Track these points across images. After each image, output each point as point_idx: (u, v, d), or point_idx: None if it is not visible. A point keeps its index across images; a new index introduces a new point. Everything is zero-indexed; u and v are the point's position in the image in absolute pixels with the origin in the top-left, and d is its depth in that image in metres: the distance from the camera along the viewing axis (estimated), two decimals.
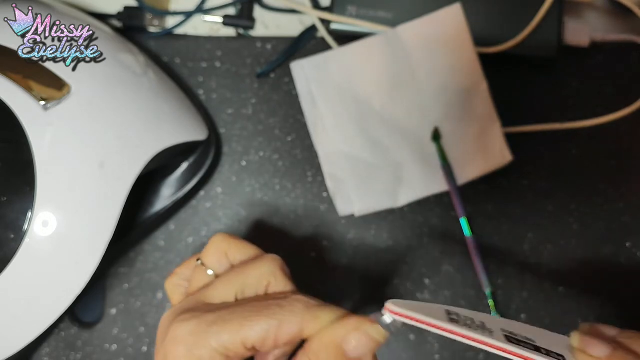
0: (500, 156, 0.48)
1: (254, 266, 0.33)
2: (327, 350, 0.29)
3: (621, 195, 0.49)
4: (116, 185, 0.40)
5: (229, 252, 0.35)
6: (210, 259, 0.35)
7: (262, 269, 0.33)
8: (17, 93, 0.37)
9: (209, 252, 0.35)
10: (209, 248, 0.35)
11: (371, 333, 0.29)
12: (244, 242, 0.35)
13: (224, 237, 0.35)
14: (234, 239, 0.35)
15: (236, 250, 0.35)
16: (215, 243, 0.35)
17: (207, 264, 0.35)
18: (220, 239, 0.35)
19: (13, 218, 0.37)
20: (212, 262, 0.35)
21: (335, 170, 0.49)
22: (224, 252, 0.35)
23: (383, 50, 0.49)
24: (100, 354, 0.50)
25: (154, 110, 0.44)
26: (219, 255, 0.35)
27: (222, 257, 0.35)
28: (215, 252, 0.35)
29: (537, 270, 0.49)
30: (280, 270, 0.33)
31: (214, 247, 0.35)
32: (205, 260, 0.35)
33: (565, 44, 0.49)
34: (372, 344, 0.29)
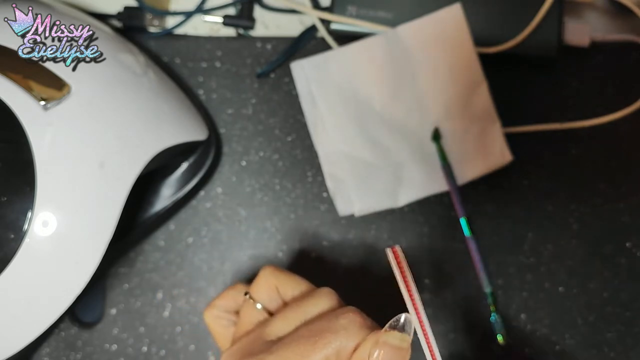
0: (500, 156, 0.48)
1: (312, 302, 0.33)
2: None
3: (621, 195, 0.49)
4: (116, 185, 0.40)
5: (280, 286, 0.34)
6: (260, 294, 0.35)
7: (320, 305, 0.32)
8: (17, 93, 0.37)
9: (259, 286, 0.35)
10: (259, 282, 0.35)
11: (391, 342, 0.29)
12: (294, 276, 0.35)
13: (273, 271, 0.35)
14: (284, 273, 0.35)
15: (287, 285, 0.34)
16: (265, 277, 0.35)
17: (257, 299, 0.34)
18: (269, 272, 0.35)
19: (13, 218, 0.37)
20: (262, 297, 0.34)
21: (335, 170, 0.49)
22: (274, 287, 0.34)
23: (383, 50, 0.49)
24: (100, 354, 0.50)
25: (154, 110, 0.44)
26: (270, 289, 0.34)
27: (273, 292, 0.34)
28: (266, 287, 0.34)
29: (537, 270, 0.49)
30: (338, 304, 0.33)
31: (263, 280, 0.35)
32: (255, 295, 0.35)
33: (565, 44, 0.49)
34: (397, 352, 0.29)
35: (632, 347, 0.47)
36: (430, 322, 0.50)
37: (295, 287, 0.34)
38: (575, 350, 0.48)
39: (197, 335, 0.50)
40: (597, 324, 0.48)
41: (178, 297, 0.50)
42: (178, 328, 0.50)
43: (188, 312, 0.50)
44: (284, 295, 0.35)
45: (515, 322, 0.48)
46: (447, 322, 0.49)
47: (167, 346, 0.50)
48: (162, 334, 0.50)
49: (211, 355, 0.50)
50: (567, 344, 0.48)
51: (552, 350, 0.48)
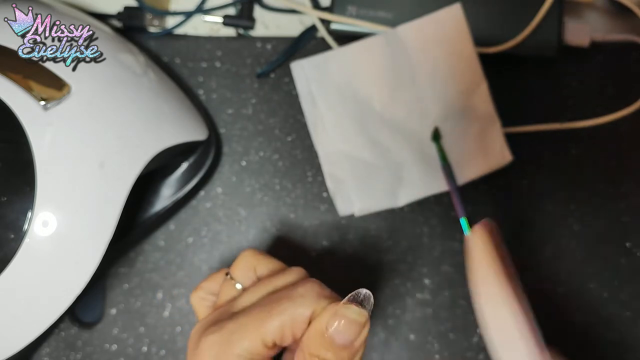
0: (500, 156, 0.48)
1: (281, 278, 0.34)
2: (316, 341, 0.30)
3: (621, 195, 0.49)
4: (116, 185, 0.40)
5: (257, 266, 0.36)
6: (239, 273, 0.36)
7: (289, 278, 0.34)
8: (17, 93, 0.37)
9: (238, 266, 0.36)
10: (239, 262, 0.36)
11: (349, 314, 0.29)
12: (271, 258, 0.36)
13: (253, 252, 0.36)
14: (263, 255, 0.36)
15: (264, 264, 0.36)
16: (245, 257, 0.36)
17: (235, 278, 0.36)
18: (249, 254, 0.36)
19: (13, 218, 0.37)
20: (240, 276, 0.36)
21: (335, 170, 0.49)
22: (252, 267, 0.36)
23: (383, 50, 0.49)
24: (100, 354, 0.50)
25: (154, 110, 0.44)
26: (248, 269, 0.36)
27: (251, 271, 0.36)
28: (244, 267, 0.36)
29: (537, 270, 0.49)
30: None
31: (243, 261, 0.36)
32: (234, 274, 0.36)
33: (565, 44, 0.49)
34: (354, 326, 0.29)
35: (632, 347, 0.47)
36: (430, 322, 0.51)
37: (271, 267, 0.36)
38: (576, 350, 0.48)
39: None
40: (597, 324, 0.48)
41: (178, 297, 0.50)
42: (178, 328, 0.50)
43: (188, 312, 0.50)
44: (260, 275, 0.36)
45: None
46: (447, 322, 0.49)
47: (167, 346, 0.50)
48: (162, 334, 0.50)
49: None
50: (567, 344, 0.48)
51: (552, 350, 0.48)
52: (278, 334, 0.30)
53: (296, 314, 0.30)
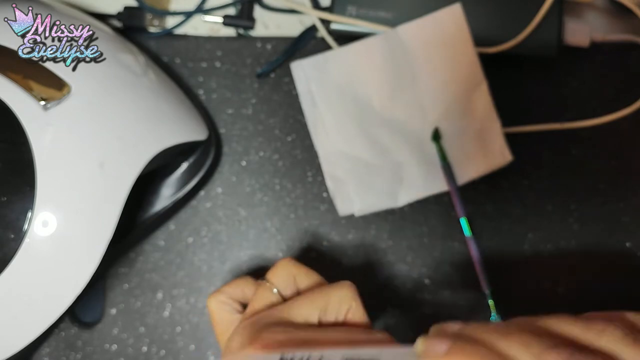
0: (500, 156, 0.48)
1: (335, 289, 0.34)
2: None
3: (621, 195, 0.49)
4: (116, 185, 0.40)
5: (297, 276, 0.36)
6: (278, 280, 0.36)
7: (343, 293, 0.34)
8: (17, 93, 0.37)
9: (278, 272, 0.36)
10: (279, 269, 0.36)
11: None
12: (311, 270, 0.37)
13: (293, 261, 0.37)
14: (302, 265, 0.37)
15: (304, 275, 0.36)
16: (285, 266, 0.36)
17: (274, 284, 0.36)
18: (289, 262, 0.37)
19: (13, 218, 0.37)
20: (279, 283, 0.36)
21: (335, 170, 0.49)
22: (292, 276, 0.36)
23: (383, 50, 0.49)
24: (100, 354, 0.50)
25: (154, 110, 0.44)
26: (288, 277, 0.36)
27: (291, 279, 0.36)
28: (285, 274, 0.36)
29: (537, 270, 0.49)
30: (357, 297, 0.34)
31: (283, 269, 0.36)
32: (273, 280, 0.36)
33: (565, 44, 0.49)
34: None
35: None
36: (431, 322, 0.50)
37: (312, 279, 0.36)
38: None
39: (197, 335, 0.50)
40: None
41: (178, 297, 0.50)
42: (178, 328, 0.50)
43: (188, 312, 0.50)
44: (300, 284, 0.36)
45: None
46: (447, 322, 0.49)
47: (167, 346, 0.50)
48: (162, 334, 0.50)
49: (211, 355, 0.50)
50: None
51: None
52: None
53: None
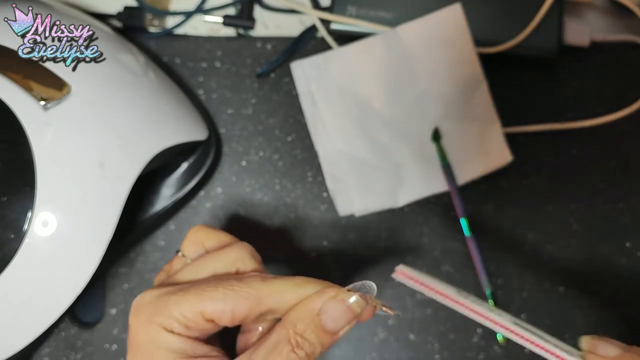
0: (500, 156, 0.48)
1: (224, 252, 0.34)
2: (305, 320, 0.29)
3: (621, 195, 0.49)
4: (116, 185, 0.40)
5: (206, 241, 0.36)
6: (188, 249, 0.36)
7: (231, 255, 0.34)
8: (17, 93, 0.37)
9: (187, 242, 0.36)
10: (187, 238, 0.36)
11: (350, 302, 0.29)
12: (220, 231, 0.36)
13: (201, 227, 0.36)
14: (211, 229, 0.36)
15: (212, 239, 0.36)
16: (193, 233, 0.36)
17: (186, 254, 0.36)
18: (197, 229, 0.36)
19: (13, 218, 0.37)
20: (190, 252, 0.36)
21: (335, 170, 0.49)
22: (201, 242, 0.36)
23: (383, 50, 0.49)
24: (100, 354, 0.50)
25: (154, 110, 0.44)
26: (197, 244, 0.36)
27: (200, 246, 0.36)
28: (193, 242, 0.36)
29: (537, 270, 0.49)
30: (250, 256, 0.34)
31: (192, 237, 0.36)
32: (184, 250, 0.36)
33: (565, 44, 0.49)
34: (349, 314, 0.29)
35: None
36: (430, 322, 0.50)
37: (219, 240, 0.35)
38: None
39: None
40: (597, 324, 0.48)
41: None
42: None
43: None
44: (209, 249, 0.36)
45: None
46: (447, 322, 0.49)
47: None
48: None
49: None
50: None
51: None
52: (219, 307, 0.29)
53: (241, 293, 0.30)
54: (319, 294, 0.29)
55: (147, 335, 0.30)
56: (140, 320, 0.30)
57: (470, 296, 0.30)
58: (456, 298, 0.29)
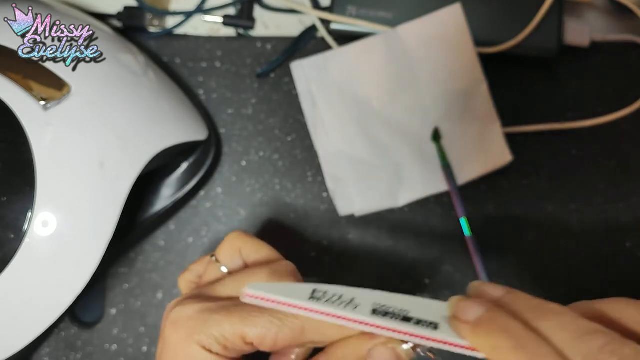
0: (500, 156, 0.48)
1: (269, 270, 0.32)
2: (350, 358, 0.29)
3: (621, 195, 0.49)
4: (116, 185, 0.40)
5: (243, 250, 0.35)
6: (223, 256, 0.35)
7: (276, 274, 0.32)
8: (17, 93, 0.37)
9: (223, 248, 0.35)
10: (224, 244, 0.35)
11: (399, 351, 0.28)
12: (260, 242, 0.35)
13: (239, 234, 0.35)
14: (250, 238, 0.35)
15: (251, 248, 0.34)
16: (230, 240, 0.35)
17: (220, 260, 0.35)
18: (235, 236, 0.35)
19: (13, 218, 0.37)
20: (225, 259, 0.35)
21: (335, 170, 0.49)
22: (237, 250, 0.35)
23: (383, 50, 0.49)
24: (100, 354, 0.50)
25: (154, 110, 0.44)
26: (233, 252, 0.35)
27: (236, 254, 0.34)
28: (230, 249, 0.35)
29: (537, 270, 0.49)
30: (292, 278, 0.33)
31: (228, 243, 0.35)
32: (219, 257, 0.35)
33: (565, 44, 0.49)
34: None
35: None
36: None
37: (259, 252, 0.34)
38: None
39: None
40: None
41: (178, 297, 0.50)
42: None
43: None
44: (247, 258, 0.34)
45: None
46: None
47: None
48: None
49: None
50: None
51: None
52: (261, 334, 0.29)
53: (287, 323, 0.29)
54: (370, 337, 0.28)
55: (184, 351, 0.29)
56: (180, 335, 0.30)
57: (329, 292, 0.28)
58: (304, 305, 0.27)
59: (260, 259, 0.34)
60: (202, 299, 0.31)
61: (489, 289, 0.28)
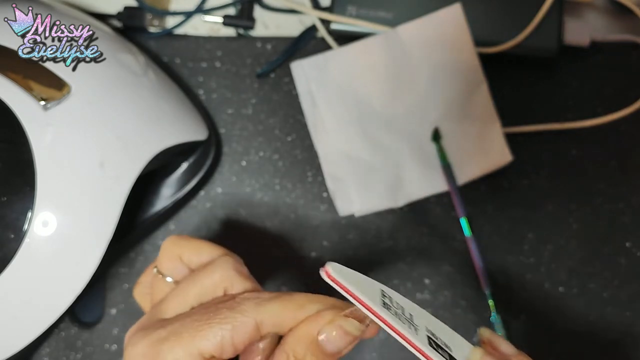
0: (500, 156, 0.48)
1: (206, 274, 0.31)
2: (304, 345, 0.28)
3: (621, 195, 0.49)
4: (116, 185, 0.40)
5: (183, 255, 0.33)
6: (165, 266, 0.33)
7: (215, 276, 0.31)
8: (17, 93, 0.37)
9: (162, 258, 0.33)
10: (161, 254, 0.33)
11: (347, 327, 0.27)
12: (197, 242, 0.33)
13: (175, 239, 0.33)
14: (185, 240, 0.33)
15: (191, 252, 0.33)
16: (167, 248, 0.33)
17: (163, 272, 0.33)
18: (171, 242, 0.33)
19: (13, 218, 0.37)
20: (167, 269, 0.33)
21: (335, 170, 0.49)
22: (177, 257, 0.33)
23: (383, 50, 0.49)
24: (100, 354, 0.50)
25: (154, 110, 0.44)
26: (173, 260, 0.33)
27: (177, 261, 0.33)
28: (169, 258, 0.33)
29: (537, 270, 0.49)
30: (236, 273, 0.31)
31: (166, 252, 0.33)
32: (160, 268, 0.33)
33: (565, 44, 0.49)
34: (348, 337, 0.27)
35: (632, 347, 0.47)
36: None
37: (199, 253, 0.32)
38: (576, 349, 0.48)
39: None
40: (597, 324, 0.48)
41: None
42: None
43: None
44: (189, 263, 0.33)
45: (515, 322, 0.48)
46: (447, 322, 0.48)
47: None
48: None
49: None
50: (567, 344, 0.48)
51: (553, 350, 0.48)
52: (218, 346, 0.27)
53: (238, 323, 0.28)
54: (315, 318, 0.28)
55: None
56: None
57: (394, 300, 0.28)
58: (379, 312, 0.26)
59: (204, 260, 0.32)
60: (151, 327, 0.30)
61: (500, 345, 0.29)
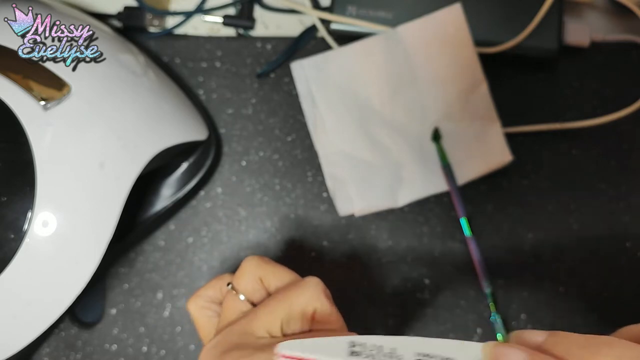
0: (500, 156, 0.48)
1: (297, 293, 0.31)
2: None
3: (621, 195, 0.49)
4: (116, 185, 0.40)
5: (264, 278, 0.33)
6: (243, 285, 0.33)
7: (306, 296, 0.31)
8: (17, 93, 0.37)
9: (242, 277, 0.33)
10: (243, 273, 0.33)
11: None
12: (279, 267, 0.34)
13: (258, 262, 0.34)
14: (269, 264, 0.34)
15: (271, 275, 0.33)
16: (249, 268, 0.33)
17: (239, 290, 0.33)
18: (254, 264, 0.34)
19: (13, 218, 0.37)
20: (245, 289, 0.33)
21: (335, 170, 0.49)
22: (257, 278, 0.33)
23: (383, 50, 0.49)
24: (100, 354, 0.50)
25: (154, 110, 0.44)
26: (253, 281, 0.33)
27: (257, 283, 0.33)
28: (249, 278, 0.33)
29: (537, 270, 0.49)
30: (324, 295, 0.32)
31: (247, 272, 0.33)
32: (238, 286, 0.33)
33: (565, 44, 0.49)
34: None
35: None
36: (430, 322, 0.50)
37: (280, 277, 0.33)
38: None
39: (197, 335, 0.50)
40: (597, 323, 0.48)
41: (178, 297, 0.50)
42: (178, 328, 0.50)
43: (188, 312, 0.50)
44: (268, 286, 0.34)
45: (515, 322, 0.48)
46: (447, 322, 0.49)
47: (167, 346, 0.50)
48: (162, 334, 0.50)
49: None
50: None
51: None
52: None
53: None
54: None
55: None
56: None
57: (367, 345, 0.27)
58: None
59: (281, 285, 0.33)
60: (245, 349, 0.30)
61: (529, 335, 0.27)
